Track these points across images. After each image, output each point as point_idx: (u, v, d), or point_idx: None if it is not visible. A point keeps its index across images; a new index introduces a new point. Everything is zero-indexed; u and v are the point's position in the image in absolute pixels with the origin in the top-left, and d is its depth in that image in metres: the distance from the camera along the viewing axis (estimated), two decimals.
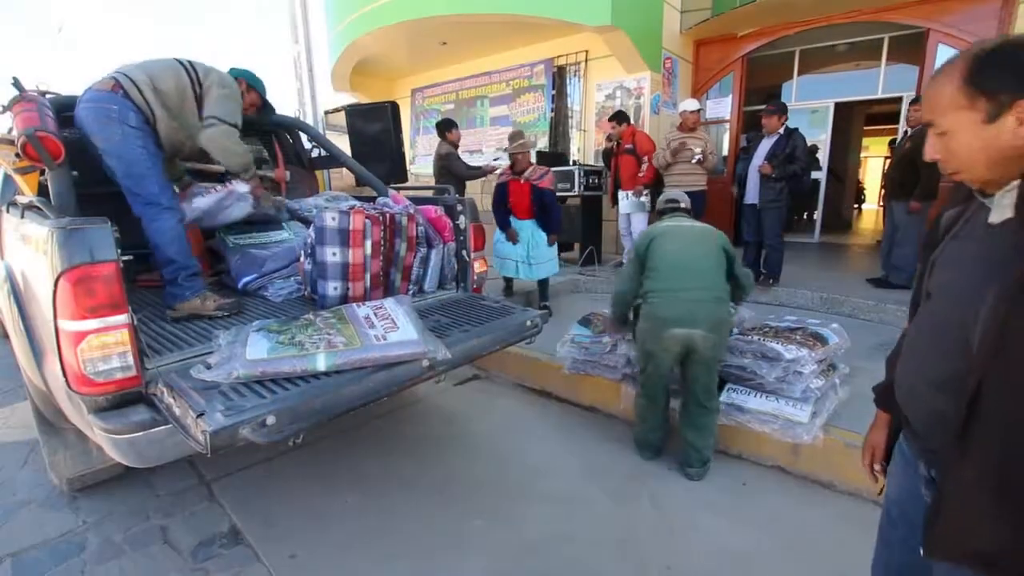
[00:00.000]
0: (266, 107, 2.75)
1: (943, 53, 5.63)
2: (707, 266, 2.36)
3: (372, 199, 2.93)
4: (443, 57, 8.26)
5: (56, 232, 1.44)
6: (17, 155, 1.86)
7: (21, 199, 1.90)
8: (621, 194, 5.38)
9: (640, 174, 5.22)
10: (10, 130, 2.12)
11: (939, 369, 0.87)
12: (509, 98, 7.79)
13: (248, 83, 2.57)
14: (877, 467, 1.17)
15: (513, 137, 4.20)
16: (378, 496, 2.26)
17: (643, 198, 5.27)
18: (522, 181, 4.17)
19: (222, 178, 2.68)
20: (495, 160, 6.05)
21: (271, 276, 2.46)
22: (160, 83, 2.17)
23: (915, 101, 4.51)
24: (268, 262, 2.50)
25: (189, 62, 2.29)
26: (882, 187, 7.61)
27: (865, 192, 14.14)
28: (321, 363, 1.61)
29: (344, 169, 3.51)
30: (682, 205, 2.64)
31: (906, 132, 4.69)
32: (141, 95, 2.12)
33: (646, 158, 5.20)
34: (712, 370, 2.36)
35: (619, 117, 5.34)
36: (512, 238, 4.27)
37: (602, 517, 2.12)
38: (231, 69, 2.52)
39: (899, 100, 6.41)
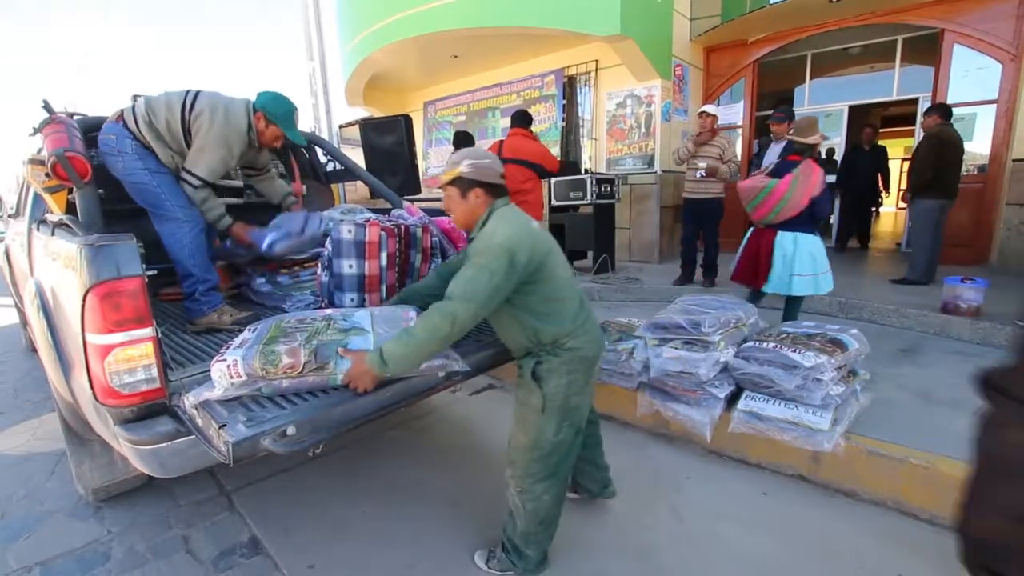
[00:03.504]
0: (292, 135, 2.33)
1: (959, 53, 5.57)
2: None
3: (387, 211, 2.98)
4: (454, 70, 8.37)
5: (84, 248, 1.49)
6: (47, 174, 1.93)
7: (51, 217, 1.97)
8: None
9: None
10: (40, 151, 2.21)
11: None
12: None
13: (266, 117, 2.24)
14: None
15: (806, 125, 3.26)
16: (395, 506, 2.27)
17: None
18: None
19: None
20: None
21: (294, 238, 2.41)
22: (154, 118, 2.13)
23: (928, 111, 4.74)
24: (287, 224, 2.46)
25: (195, 95, 2.16)
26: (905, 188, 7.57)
27: (883, 195, 13.86)
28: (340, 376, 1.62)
29: (359, 182, 3.57)
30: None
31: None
32: (137, 126, 2.13)
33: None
34: None
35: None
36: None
37: (620, 526, 2.11)
38: (259, 95, 2.27)
39: (915, 102, 6.34)
